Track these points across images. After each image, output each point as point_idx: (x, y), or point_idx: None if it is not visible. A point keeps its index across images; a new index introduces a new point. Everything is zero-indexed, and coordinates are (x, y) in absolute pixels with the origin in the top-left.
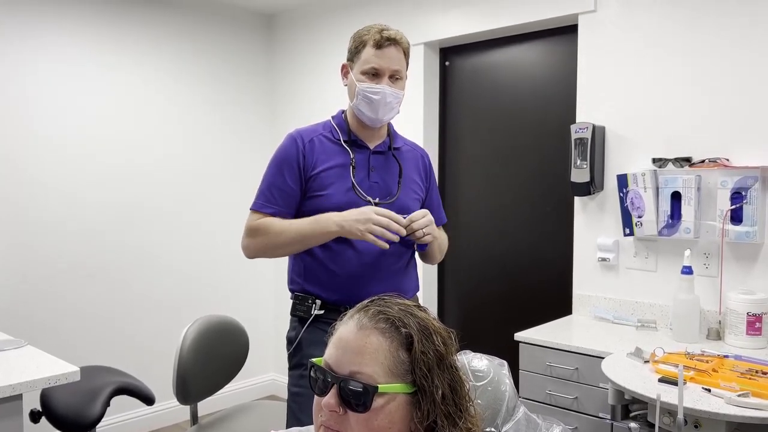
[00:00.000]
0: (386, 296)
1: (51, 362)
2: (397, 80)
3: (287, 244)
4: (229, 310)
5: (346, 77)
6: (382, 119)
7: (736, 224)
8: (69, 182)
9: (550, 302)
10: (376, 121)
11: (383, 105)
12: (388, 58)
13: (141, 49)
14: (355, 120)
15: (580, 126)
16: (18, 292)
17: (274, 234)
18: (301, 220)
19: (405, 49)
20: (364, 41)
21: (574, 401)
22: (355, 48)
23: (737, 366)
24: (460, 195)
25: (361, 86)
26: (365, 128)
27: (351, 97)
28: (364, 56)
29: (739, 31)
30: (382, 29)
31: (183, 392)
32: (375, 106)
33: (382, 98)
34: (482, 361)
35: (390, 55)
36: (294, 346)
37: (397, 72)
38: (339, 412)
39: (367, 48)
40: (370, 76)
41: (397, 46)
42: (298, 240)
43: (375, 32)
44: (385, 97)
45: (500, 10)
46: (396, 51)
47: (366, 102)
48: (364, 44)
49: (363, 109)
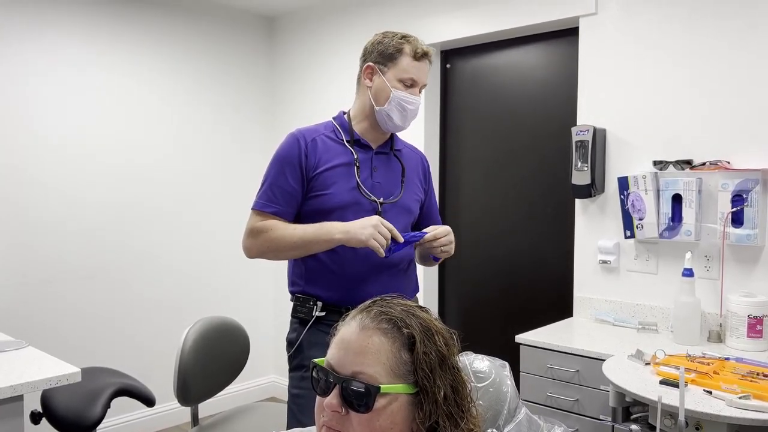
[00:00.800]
0: (388, 297)
1: (52, 363)
2: (420, 91)
3: (289, 249)
4: (230, 311)
5: (370, 79)
6: (405, 127)
7: (737, 227)
8: (70, 183)
9: (550, 304)
10: (400, 128)
11: (413, 115)
12: (424, 72)
13: (142, 50)
14: (367, 122)
15: (580, 128)
16: (19, 292)
17: (276, 237)
18: (304, 225)
19: (430, 63)
20: (401, 49)
21: (574, 403)
22: (389, 54)
23: (738, 368)
24: (461, 197)
25: (397, 93)
26: (375, 131)
27: (380, 100)
28: (403, 65)
29: (739, 33)
30: (417, 40)
31: (183, 394)
32: (406, 115)
33: (415, 109)
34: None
35: (424, 68)
36: (295, 348)
37: (425, 86)
38: (341, 412)
39: (405, 57)
40: (406, 85)
41: (429, 60)
42: (300, 245)
43: (414, 42)
44: (417, 108)
45: (501, 12)
46: (428, 65)
47: (399, 110)
48: (401, 52)
49: (393, 116)
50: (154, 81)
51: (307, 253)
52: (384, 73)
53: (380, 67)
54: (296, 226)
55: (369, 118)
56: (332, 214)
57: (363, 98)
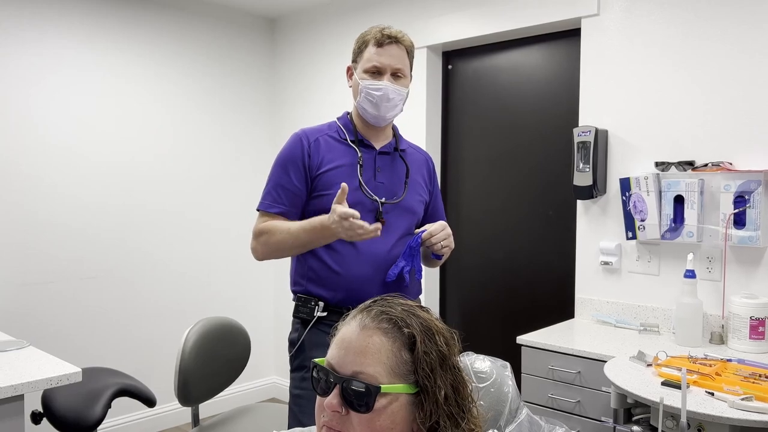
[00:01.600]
0: (389, 297)
1: (53, 363)
2: (399, 78)
3: (291, 249)
4: (231, 311)
5: (350, 79)
6: (385, 116)
7: (739, 228)
8: (71, 184)
9: (552, 305)
10: (379, 118)
11: (385, 101)
12: (389, 56)
13: (143, 52)
14: (360, 120)
15: (582, 129)
16: (20, 292)
17: (277, 238)
18: (298, 225)
19: (407, 48)
20: (366, 41)
21: (576, 405)
22: (358, 48)
23: (740, 370)
24: (463, 198)
25: (363, 83)
26: (371, 128)
27: (355, 96)
28: (366, 55)
29: (742, 34)
30: (383, 28)
31: (184, 394)
32: (377, 103)
33: (384, 94)
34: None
35: (391, 52)
36: (296, 348)
37: (399, 70)
38: (341, 412)
39: (369, 47)
40: (372, 74)
41: (399, 44)
42: (298, 245)
43: (376, 31)
44: (387, 93)
45: (503, 13)
46: (398, 49)
47: (368, 99)
48: (366, 44)
49: (366, 107)
50: (156, 83)
51: (307, 249)
52: (356, 70)
53: (354, 65)
54: (290, 227)
55: (360, 116)
56: None
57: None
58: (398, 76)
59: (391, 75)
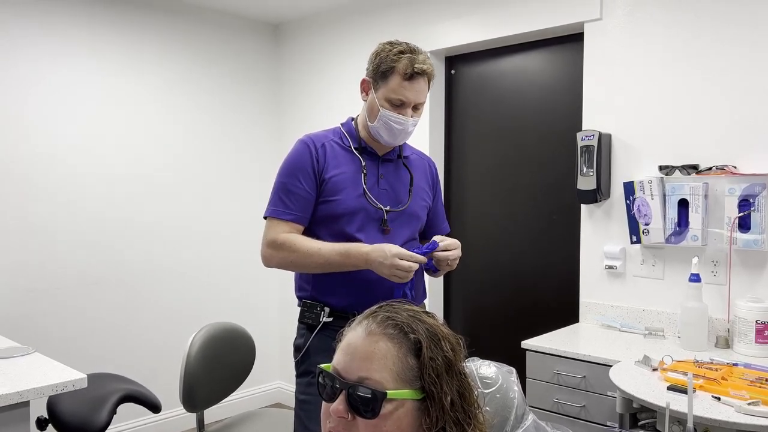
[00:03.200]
0: (395, 302)
1: (58, 369)
2: (418, 109)
3: (314, 268)
4: (236, 317)
5: (366, 93)
6: (397, 143)
7: (744, 232)
8: (76, 192)
9: (556, 310)
10: (392, 144)
11: (403, 133)
12: (416, 92)
13: (147, 58)
14: (367, 132)
15: (586, 134)
16: (25, 299)
17: (301, 255)
18: (330, 247)
19: (431, 79)
20: (393, 67)
21: (581, 410)
22: (382, 72)
23: (747, 374)
24: (466, 202)
25: (384, 113)
26: (376, 141)
27: (371, 117)
28: (392, 84)
29: (745, 37)
30: (413, 58)
31: (189, 400)
32: (395, 134)
33: (404, 129)
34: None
35: (418, 87)
36: (302, 354)
37: (421, 104)
38: (347, 418)
39: (395, 76)
40: (394, 105)
41: (426, 77)
42: (325, 267)
43: (406, 61)
44: (407, 127)
45: (506, 18)
46: (424, 83)
47: (387, 129)
48: (393, 71)
49: (382, 133)
50: (160, 89)
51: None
52: (376, 90)
53: (374, 83)
54: (321, 246)
55: (368, 130)
56: (341, 219)
57: (364, 108)
58: (417, 108)
59: (412, 108)
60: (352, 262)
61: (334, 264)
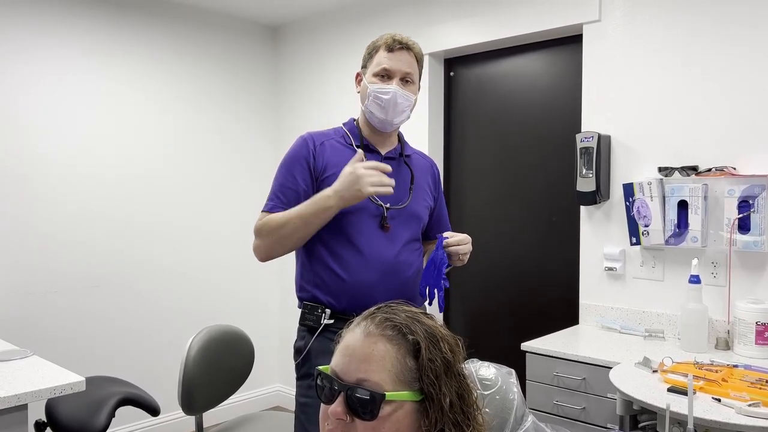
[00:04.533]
0: (393, 303)
1: (56, 372)
2: (407, 83)
3: (292, 233)
4: (234, 319)
5: (359, 84)
6: (392, 121)
7: (743, 233)
8: (74, 194)
9: (556, 312)
10: (386, 123)
11: (393, 105)
12: (399, 60)
13: (146, 60)
14: (367, 125)
15: (585, 135)
16: (23, 302)
17: (277, 226)
18: (298, 206)
19: (417, 55)
20: (377, 46)
21: (581, 412)
22: (368, 54)
23: (747, 376)
24: (466, 204)
25: (372, 87)
26: (377, 134)
27: (363, 100)
28: (377, 59)
29: (744, 38)
30: (394, 34)
31: (188, 403)
32: (385, 107)
33: (393, 98)
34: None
35: (401, 58)
36: (303, 356)
37: (408, 75)
38: (346, 420)
39: (379, 52)
40: (381, 77)
41: (409, 51)
42: (301, 225)
43: (388, 37)
44: (395, 97)
45: (505, 20)
46: (408, 55)
47: (377, 103)
48: (377, 49)
49: (374, 110)
50: (159, 90)
51: (310, 230)
52: (365, 75)
53: (363, 70)
54: (291, 210)
55: (367, 121)
56: (340, 216)
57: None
58: (407, 81)
59: (400, 80)
60: (319, 204)
61: (305, 215)
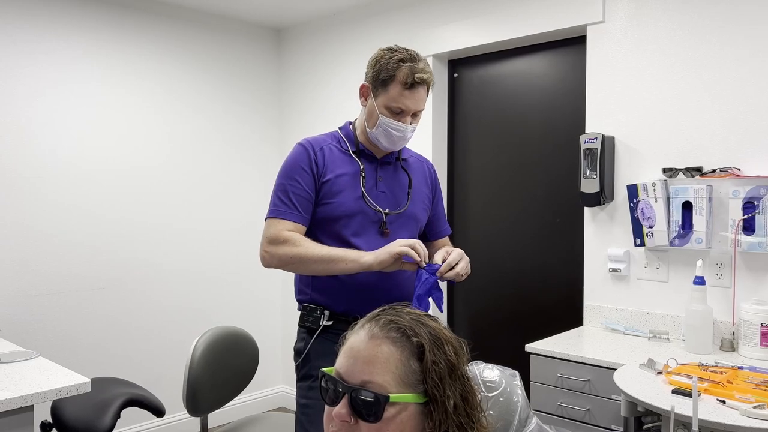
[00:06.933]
0: (397, 306)
1: (62, 374)
2: (416, 116)
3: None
4: (239, 321)
5: (365, 98)
6: (396, 149)
7: (748, 234)
8: (79, 196)
9: (560, 313)
10: (391, 150)
11: (402, 140)
12: (416, 100)
13: (150, 63)
14: (365, 136)
15: (589, 136)
16: (30, 304)
17: (302, 252)
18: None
19: (430, 86)
20: (393, 76)
21: (586, 413)
22: (382, 79)
23: (752, 377)
24: (469, 206)
25: (384, 120)
26: (375, 145)
27: (370, 123)
28: (392, 93)
29: (749, 39)
30: (413, 67)
31: (193, 404)
32: (393, 140)
33: (403, 135)
34: (494, 372)
35: (417, 96)
36: (302, 358)
37: (420, 111)
38: (350, 422)
39: (395, 84)
40: (393, 113)
41: (425, 86)
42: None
43: (407, 70)
44: (405, 134)
45: (508, 21)
46: (423, 92)
47: (386, 135)
48: (393, 79)
49: (381, 140)
50: (162, 93)
51: (330, 271)
52: (375, 97)
53: (373, 90)
54: (324, 246)
55: (366, 134)
56: (339, 221)
57: (363, 113)
58: (416, 115)
59: (412, 115)
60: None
61: (335, 257)
